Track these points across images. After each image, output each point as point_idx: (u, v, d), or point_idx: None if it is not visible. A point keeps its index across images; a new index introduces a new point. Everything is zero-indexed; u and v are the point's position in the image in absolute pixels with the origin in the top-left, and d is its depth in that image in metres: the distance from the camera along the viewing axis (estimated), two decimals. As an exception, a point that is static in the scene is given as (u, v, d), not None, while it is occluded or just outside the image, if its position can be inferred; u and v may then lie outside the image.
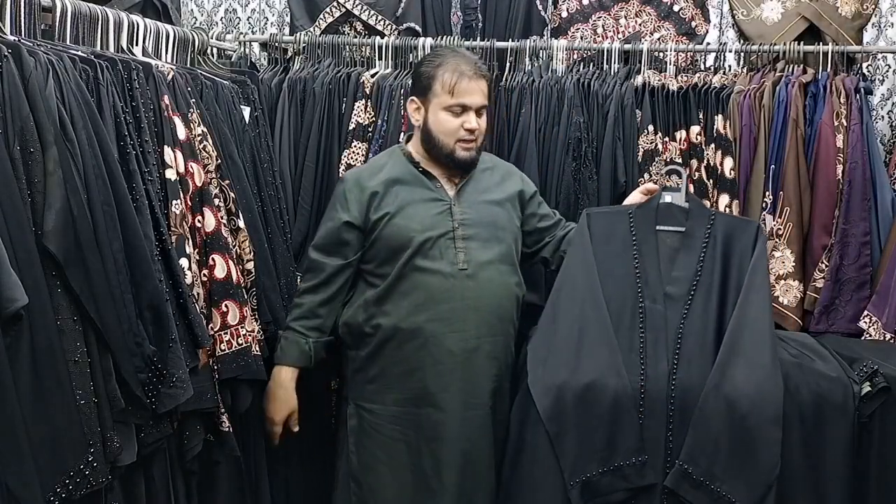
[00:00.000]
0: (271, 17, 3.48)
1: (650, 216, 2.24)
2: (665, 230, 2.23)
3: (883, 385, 2.11)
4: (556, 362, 2.10)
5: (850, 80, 2.74)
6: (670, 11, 3.14)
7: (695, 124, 2.79)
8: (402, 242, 2.24)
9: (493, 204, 2.34)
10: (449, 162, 2.30)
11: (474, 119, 2.28)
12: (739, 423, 2.01)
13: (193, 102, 2.19)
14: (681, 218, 2.24)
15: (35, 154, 1.60)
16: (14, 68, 1.61)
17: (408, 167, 2.33)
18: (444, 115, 2.28)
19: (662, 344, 2.11)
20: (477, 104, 2.28)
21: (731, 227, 2.22)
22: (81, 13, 1.99)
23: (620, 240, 2.22)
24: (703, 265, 2.16)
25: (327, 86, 2.88)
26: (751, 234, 2.19)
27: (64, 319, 1.62)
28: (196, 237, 2.06)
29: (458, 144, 2.28)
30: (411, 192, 2.29)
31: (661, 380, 2.07)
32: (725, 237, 2.19)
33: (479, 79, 2.28)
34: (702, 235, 2.20)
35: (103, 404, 1.68)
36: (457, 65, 2.28)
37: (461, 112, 2.27)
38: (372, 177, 2.32)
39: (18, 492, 1.50)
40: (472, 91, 2.27)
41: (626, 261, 2.19)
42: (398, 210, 2.26)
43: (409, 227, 2.25)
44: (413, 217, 2.26)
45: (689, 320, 2.13)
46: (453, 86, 2.26)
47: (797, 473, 2.11)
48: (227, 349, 2.08)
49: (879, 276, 2.64)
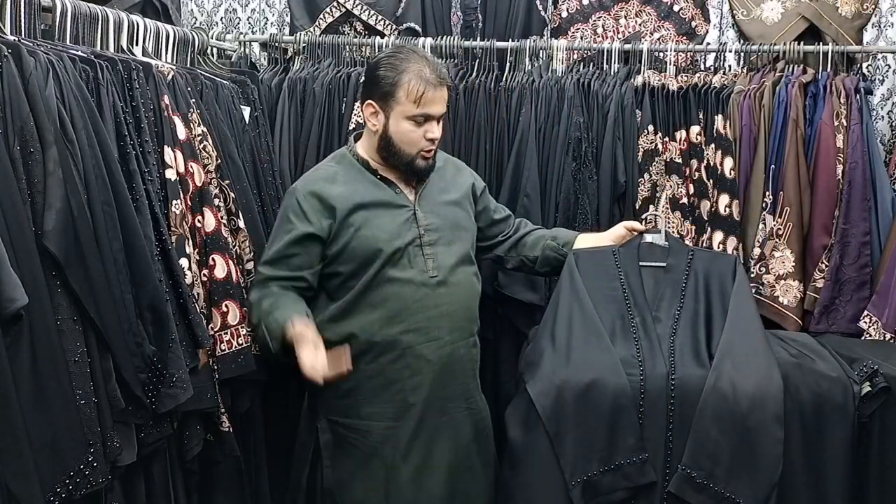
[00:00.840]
0: (271, 17, 3.48)
1: (633, 253, 2.35)
2: (648, 265, 2.34)
3: (883, 385, 2.11)
4: (555, 364, 2.10)
5: (850, 80, 2.74)
6: (670, 11, 3.14)
7: (695, 124, 2.79)
8: (371, 254, 2.16)
9: (452, 204, 2.30)
10: (407, 170, 2.22)
11: (436, 128, 2.20)
12: (741, 424, 2.02)
13: (193, 102, 2.19)
14: (661, 255, 2.36)
15: (35, 154, 1.60)
16: (14, 68, 1.61)
17: (364, 175, 2.23)
18: (407, 124, 2.17)
19: (658, 349, 2.15)
20: (439, 113, 2.20)
21: (709, 260, 2.33)
22: (81, 13, 1.99)
23: (607, 272, 2.31)
24: (686, 292, 2.27)
25: (327, 86, 2.88)
26: (729, 266, 2.31)
27: (64, 319, 1.62)
28: (196, 237, 2.06)
29: (420, 154, 2.20)
30: (374, 202, 2.20)
31: (659, 379, 2.08)
32: (705, 270, 2.31)
33: (442, 87, 2.18)
34: (682, 268, 2.32)
35: (103, 404, 1.68)
36: (420, 71, 2.15)
37: (424, 121, 2.18)
38: (328, 186, 2.20)
39: (18, 492, 1.50)
40: (436, 101, 2.17)
41: (614, 288, 2.28)
42: (365, 221, 2.17)
43: (377, 238, 2.16)
44: (380, 227, 2.17)
45: (680, 333, 2.20)
46: (419, 96, 2.15)
47: (797, 473, 2.11)
48: (227, 349, 2.08)
49: (879, 276, 2.64)
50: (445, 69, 2.25)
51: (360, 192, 2.19)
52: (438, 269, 2.20)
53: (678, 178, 2.79)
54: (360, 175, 2.23)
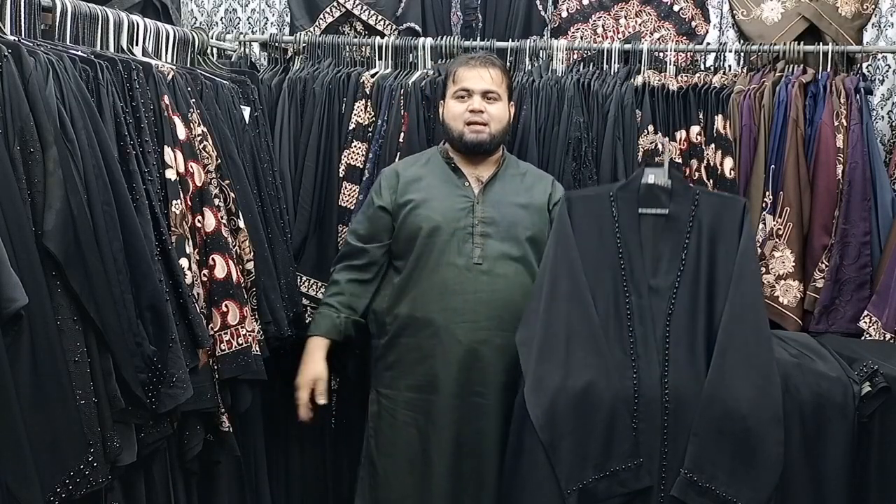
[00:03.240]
0: (271, 17, 3.48)
1: (632, 198, 2.14)
2: (648, 213, 2.14)
3: (883, 385, 2.11)
4: (548, 369, 2.07)
5: (850, 80, 2.74)
6: (670, 11, 3.14)
7: (695, 124, 2.79)
8: (421, 231, 2.34)
9: (517, 206, 2.39)
10: (461, 147, 2.39)
11: (478, 101, 2.37)
12: (740, 426, 2.00)
13: (193, 102, 2.19)
14: (664, 199, 2.13)
15: (35, 154, 1.60)
16: (14, 68, 1.61)
17: (441, 163, 2.44)
18: (452, 102, 2.41)
19: (652, 343, 2.07)
20: (480, 88, 2.37)
21: (716, 207, 2.12)
22: (81, 13, 1.99)
23: (603, 227, 2.13)
24: (688, 252, 2.09)
25: (327, 86, 2.87)
26: (737, 212, 2.10)
27: (64, 319, 1.62)
28: (196, 237, 2.06)
29: (467, 127, 2.37)
30: (439, 185, 2.40)
31: (653, 382, 2.05)
32: (711, 219, 2.11)
33: (485, 66, 2.38)
34: (686, 218, 2.11)
35: (103, 404, 1.68)
36: (466, 58, 2.44)
37: (466, 97, 2.38)
38: (408, 167, 2.47)
39: (18, 492, 1.50)
40: (475, 76, 2.37)
41: (610, 251, 2.11)
42: (423, 200, 2.37)
43: (430, 218, 2.35)
44: (436, 209, 2.36)
45: (676, 315, 2.08)
46: (457, 74, 2.40)
47: (797, 473, 2.11)
48: (227, 349, 2.08)
49: (879, 276, 2.64)
50: (496, 58, 2.47)
51: (429, 176, 2.42)
52: (484, 259, 2.33)
53: (678, 178, 2.78)
54: (439, 162, 2.45)
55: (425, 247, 2.35)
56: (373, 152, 2.80)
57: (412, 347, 2.35)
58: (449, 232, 2.34)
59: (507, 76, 2.46)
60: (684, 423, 2.03)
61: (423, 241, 2.35)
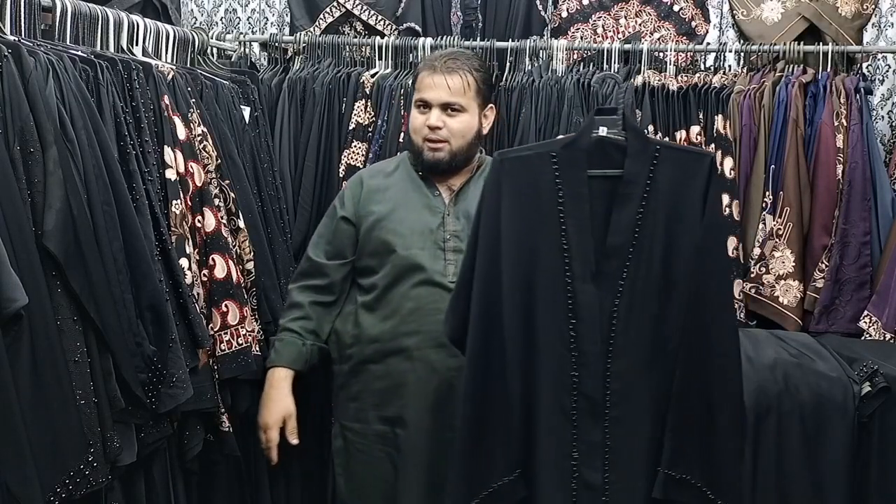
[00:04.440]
0: (271, 17, 3.48)
1: (579, 157, 1.73)
2: (598, 175, 1.74)
3: (883, 385, 2.12)
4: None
5: (850, 80, 2.73)
6: (670, 11, 3.13)
7: (695, 124, 2.79)
8: (387, 247, 2.11)
9: None
10: (420, 164, 2.16)
11: (436, 116, 2.10)
12: (707, 420, 1.75)
13: (193, 102, 2.19)
14: (617, 157, 1.73)
15: (35, 154, 1.60)
16: (14, 68, 1.61)
17: (409, 170, 2.20)
18: (414, 111, 2.16)
19: (597, 333, 1.74)
20: (439, 100, 2.10)
21: (679, 165, 1.74)
22: (81, 13, 1.99)
23: (542, 196, 1.74)
24: (642, 224, 1.72)
25: (327, 86, 2.88)
26: (703, 174, 1.72)
27: (64, 319, 1.62)
28: (196, 237, 2.06)
29: (426, 144, 2.12)
30: (406, 196, 2.16)
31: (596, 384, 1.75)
32: (672, 182, 1.73)
33: (448, 72, 2.09)
34: (643, 181, 1.72)
35: (103, 404, 1.68)
36: (431, 60, 2.15)
37: (426, 108, 2.12)
38: (374, 175, 2.24)
39: (18, 492, 1.50)
40: (435, 86, 2.09)
41: (550, 226, 1.73)
42: (388, 213, 2.14)
43: (396, 232, 2.12)
44: (403, 222, 2.12)
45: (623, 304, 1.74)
46: (419, 80, 2.14)
47: (797, 473, 2.11)
48: (227, 349, 2.08)
49: (879, 276, 2.64)
50: (474, 60, 2.17)
51: (396, 186, 2.18)
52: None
53: (678, 178, 2.78)
54: (407, 171, 2.20)
55: (392, 264, 2.10)
56: (373, 152, 2.80)
57: (380, 375, 2.11)
58: (418, 247, 2.10)
59: (479, 80, 2.14)
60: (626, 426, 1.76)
61: (391, 258, 2.11)
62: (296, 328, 2.18)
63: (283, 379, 2.16)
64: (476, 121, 2.16)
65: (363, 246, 2.16)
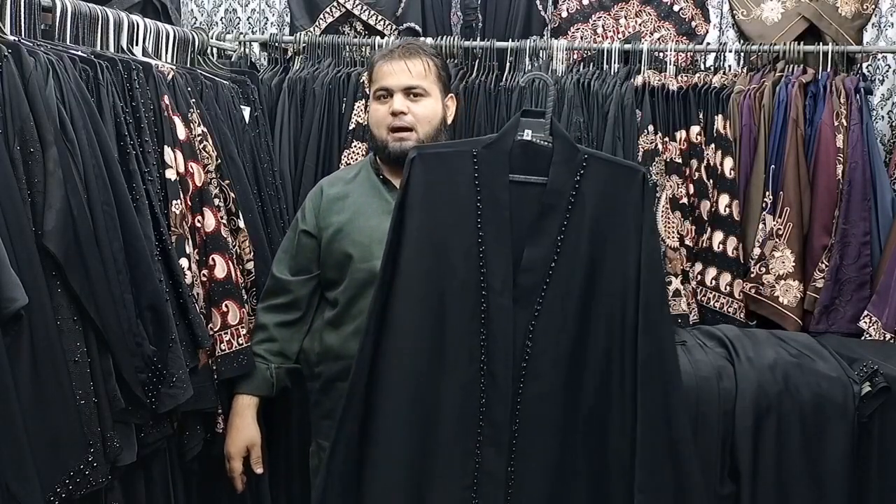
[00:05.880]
0: (271, 17, 3.48)
1: (501, 160, 1.61)
2: (520, 181, 1.62)
3: (883, 385, 2.12)
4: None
5: (850, 80, 2.73)
6: (670, 11, 3.14)
7: (695, 124, 2.79)
8: (348, 259, 2.02)
9: None
10: (386, 158, 2.06)
11: (399, 101, 2.01)
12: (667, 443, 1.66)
13: (193, 102, 2.19)
14: (542, 164, 1.62)
15: (35, 154, 1.60)
16: (14, 68, 1.61)
17: (370, 176, 2.11)
18: (374, 104, 2.07)
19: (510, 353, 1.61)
20: (400, 85, 2.01)
21: (608, 177, 1.62)
22: (81, 13, 1.99)
23: (460, 198, 1.61)
24: (565, 238, 1.59)
25: (327, 86, 2.88)
26: (635, 189, 1.61)
27: (64, 319, 1.62)
28: (196, 237, 2.06)
29: (391, 135, 2.02)
30: (366, 203, 2.06)
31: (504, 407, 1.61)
32: (600, 195, 1.61)
33: (406, 56, 2.01)
34: (567, 192, 1.60)
35: (103, 404, 1.68)
36: (386, 50, 2.08)
37: (387, 97, 2.03)
38: (334, 184, 2.14)
39: (18, 492, 1.50)
40: (396, 71, 2.01)
41: (466, 232, 1.61)
42: (348, 222, 2.05)
43: (357, 243, 2.02)
44: (363, 231, 2.02)
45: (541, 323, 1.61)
46: (375, 70, 2.05)
47: (797, 473, 2.11)
48: (227, 349, 2.08)
49: (879, 276, 2.64)
50: (428, 47, 2.11)
51: (356, 193, 2.10)
52: None
53: (678, 178, 2.78)
54: (367, 175, 2.12)
55: (352, 277, 2.01)
56: (372, 152, 2.80)
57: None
58: (378, 257, 1.86)
59: (439, 65, 2.07)
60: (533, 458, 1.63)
61: (353, 269, 2.00)
62: (260, 352, 2.10)
63: (247, 407, 2.07)
64: (440, 107, 2.07)
65: (325, 259, 2.08)
